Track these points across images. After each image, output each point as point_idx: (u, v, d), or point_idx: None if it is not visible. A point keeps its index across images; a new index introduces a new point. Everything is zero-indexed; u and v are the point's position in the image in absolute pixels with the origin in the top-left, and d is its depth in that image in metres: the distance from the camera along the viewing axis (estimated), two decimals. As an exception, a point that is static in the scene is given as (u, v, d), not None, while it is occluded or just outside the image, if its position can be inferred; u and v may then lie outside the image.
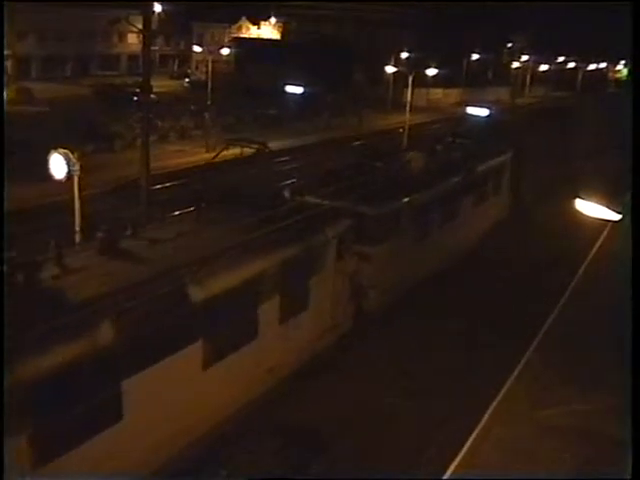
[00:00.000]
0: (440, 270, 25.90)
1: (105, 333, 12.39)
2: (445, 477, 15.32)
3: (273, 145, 50.83)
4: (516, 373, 19.66)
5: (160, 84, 74.00)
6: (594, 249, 31.17)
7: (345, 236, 19.98)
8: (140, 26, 27.16)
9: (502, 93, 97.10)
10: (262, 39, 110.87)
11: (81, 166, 18.62)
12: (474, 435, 16.60)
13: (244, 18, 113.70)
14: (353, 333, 21.20)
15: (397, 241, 23.16)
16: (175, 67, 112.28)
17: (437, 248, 26.32)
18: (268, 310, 16.87)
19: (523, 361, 20.30)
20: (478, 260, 29.20)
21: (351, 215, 20.73)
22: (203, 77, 72.25)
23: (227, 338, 15.57)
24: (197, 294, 14.47)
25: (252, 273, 16.07)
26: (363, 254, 21.28)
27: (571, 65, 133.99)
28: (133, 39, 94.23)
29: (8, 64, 75.26)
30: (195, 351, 14.61)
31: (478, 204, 30.92)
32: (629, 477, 9.16)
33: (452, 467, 15.44)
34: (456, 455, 15.88)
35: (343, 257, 20.00)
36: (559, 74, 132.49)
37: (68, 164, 18.49)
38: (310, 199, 21.57)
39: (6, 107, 49.46)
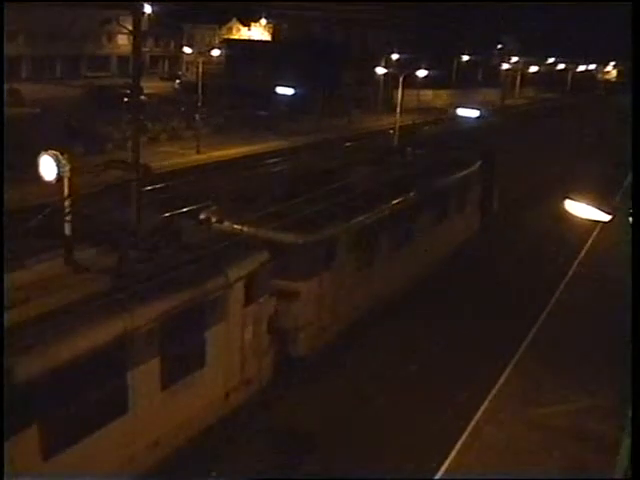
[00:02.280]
0: (388, 303, 23.34)
1: None
2: (442, 476, 15.37)
3: (257, 147, 51.64)
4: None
5: (150, 85, 73.86)
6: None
7: (260, 273, 16.96)
8: (130, 27, 27.06)
9: (492, 94, 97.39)
10: (253, 40, 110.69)
11: (71, 168, 18.54)
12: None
13: (234, 19, 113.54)
14: (270, 388, 18.10)
15: (334, 272, 20.41)
16: (165, 68, 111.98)
17: (385, 277, 23.50)
18: (143, 376, 13.83)
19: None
20: (434, 290, 25.79)
21: (275, 245, 18.22)
22: (193, 78, 72.05)
23: (76, 418, 12.48)
24: (28, 367, 11.68)
25: (113, 334, 13.13)
26: (288, 291, 18.75)
27: (561, 66, 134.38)
28: (123, 40, 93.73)
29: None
30: (27, 440, 11.75)
31: (438, 223, 27.86)
32: (629, 477, 9.19)
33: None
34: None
35: (255, 299, 16.95)
36: (549, 75, 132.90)
37: (58, 165, 18.38)
38: (228, 225, 19.33)
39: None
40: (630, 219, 11.86)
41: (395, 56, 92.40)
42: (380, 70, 77.15)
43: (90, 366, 12.64)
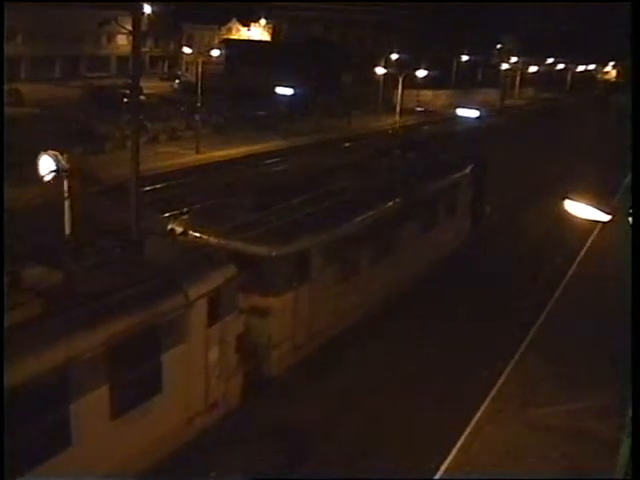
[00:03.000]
0: (370, 317, 22.08)
1: None
2: (440, 476, 15.35)
3: (257, 148, 51.61)
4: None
5: (150, 85, 73.92)
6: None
7: (225, 289, 15.87)
8: (129, 27, 27.04)
9: (492, 94, 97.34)
10: (252, 41, 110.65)
11: (71, 168, 18.53)
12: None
13: (234, 20, 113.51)
14: (239, 411, 16.92)
15: (310, 286, 19.24)
16: (165, 68, 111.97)
17: (367, 290, 22.23)
18: (89, 405, 12.81)
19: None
20: (420, 303, 24.24)
21: (246, 258, 17.41)
22: (193, 78, 72.02)
23: (13, 455, 11.10)
24: None
25: (49, 363, 12.02)
26: (260, 307, 17.79)
27: (560, 66, 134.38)
28: (123, 40, 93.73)
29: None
30: None
31: (426, 230, 26.40)
32: (629, 477, 9.19)
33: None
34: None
35: (221, 317, 15.88)
36: (548, 75, 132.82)
37: (57, 166, 18.39)
38: (196, 237, 18.46)
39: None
40: (630, 219, 11.85)
41: (395, 56, 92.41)
42: (380, 70, 77.16)
43: (24, 401, 11.55)
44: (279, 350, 18.52)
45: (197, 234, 18.66)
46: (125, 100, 52.26)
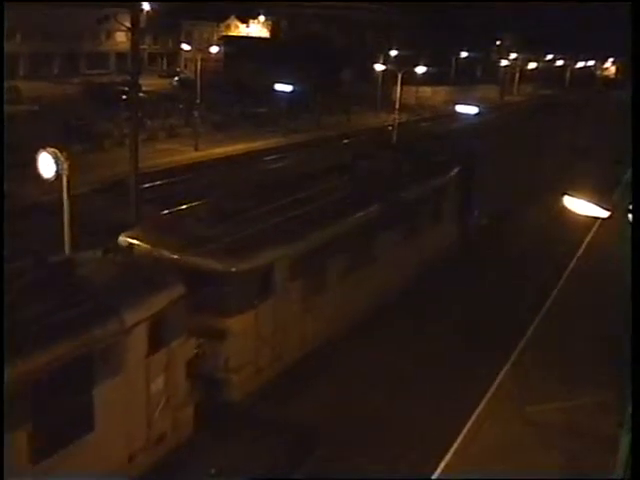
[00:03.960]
0: (343, 334, 20.36)
1: None
2: (439, 475, 15.35)
3: (255, 145, 51.58)
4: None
5: (149, 82, 73.87)
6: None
7: (171, 312, 14.34)
8: (128, 24, 27.04)
9: (491, 91, 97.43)
10: (251, 37, 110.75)
11: (70, 165, 18.53)
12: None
13: (233, 16, 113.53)
14: (190, 444, 15.29)
15: (274, 304, 17.75)
16: (164, 65, 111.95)
17: (339, 306, 20.54)
18: (6, 450, 11.34)
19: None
20: (397, 318, 22.70)
21: (200, 274, 16.16)
22: (192, 75, 72.17)
23: None
24: None
25: None
26: (217, 329, 16.42)
27: (559, 63, 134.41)
28: (121, 37, 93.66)
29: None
30: None
31: (407, 238, 24.59)
32: (629, 477, 9.20)
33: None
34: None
35: (165, 344, 14.37)
36: (547, 72, 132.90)
37: (57, 163, 18.38)
38: (146, 251, 16.98)
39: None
40: (629, 215, 11.87)
41: (394, 53, 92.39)
42: (379, 67, 77.16)
43: None
44: (240, 374, 16.92)
45: (148, 247, 17.04)
46: (124, 97, 52.31)
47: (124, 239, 17.66)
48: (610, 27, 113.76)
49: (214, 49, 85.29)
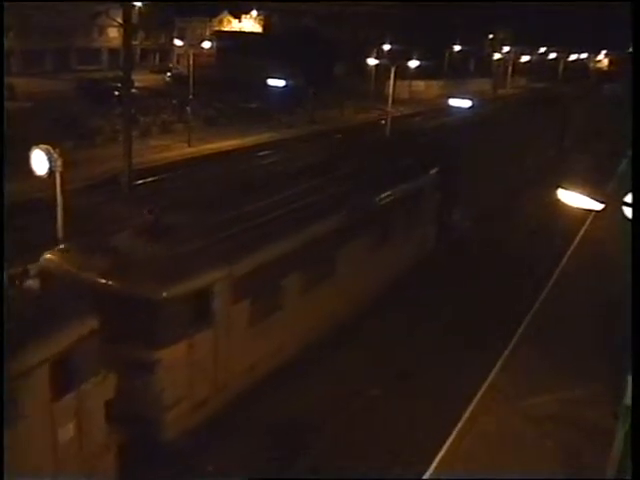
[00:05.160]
0: (298, 359, 18.57)
1: None
2: (437, 475, 15.32)
3: (248, 140, 51.48)
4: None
5: (141, 78, 73.76)
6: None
7: (81, 349, 12.44)
8: (120, 20, 27.02)
9: (484, 84, 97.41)
10: (244, 32, 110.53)
11: (63, 162, 18.50)
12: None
13: (226, 11, 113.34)
14: None
15: (213, 331, 15.93)
16: (156, 61, 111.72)
17: (293, 328, 18.75)
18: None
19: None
20: (362, 338, 21.17)
21: (127, 301, 14.59)
22: (184, 71, 71.92)
23: None
24: None
25: None
26: (145, 362, 14.67)
27: (552, 56, 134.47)
28: (114, 33, 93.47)
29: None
30: None
31: (374, 250, 22.65)
32: (629, 477, 9.21)
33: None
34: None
35: (74, 386, 12.48)
36: (540, 65, 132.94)
37: (50, 160, 18.35)
38: (62, 273, 15.20)
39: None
40: (623, 208, 11.86)
41: (387, 47, 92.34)
42: (372, 61, 77.11)
43: None
44: (173, 411, 15.19)
45: (70, 270, 15.19)
46: (116, 93, 52.19)
47: (46, 259, 15.68)
48: (603, 20, 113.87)
49: (207, 44, 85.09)
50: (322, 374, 19.10)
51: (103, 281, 14.83)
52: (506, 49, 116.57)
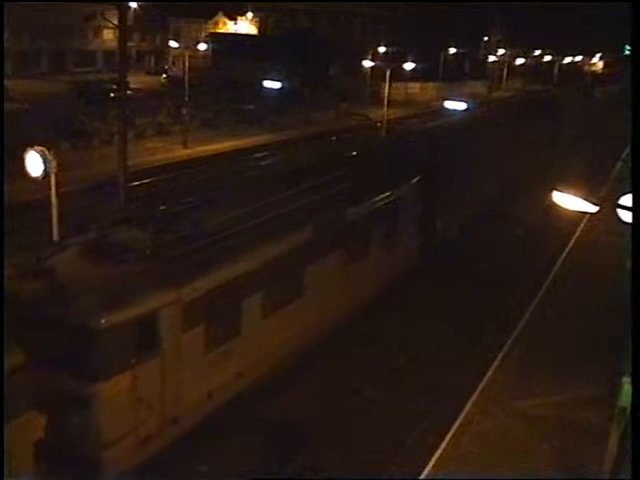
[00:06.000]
0: (260, 386, 17.36)
1: None
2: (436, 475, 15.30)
3: (244, 142, 51.44)
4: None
5: (137, 80, 73.72)
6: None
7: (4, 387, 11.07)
8: (116, 22, 27.01)
9: (479, 87, 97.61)
10: (239, 34, 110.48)
11: (58, 164, 18.49)
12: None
13: (221, 13, 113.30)
14: None
15: (161, 360, 14.65)
16: (152, 63, 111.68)
17: (254, 354, 17.30)
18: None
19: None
20: (331, 361, 19.86)
21: (60, 331, 13.39)
22: (180, 73, 71.89)
23: None
24: None
25: None
26: (81, 398, 13.41)
27: (547, 58, 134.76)
28: (109, 35, 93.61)
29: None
30: None
31: (350, 263, 21.18)
32: (629, 477, 9.24)
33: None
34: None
35: None
36: (535, 67, 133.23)
37: (45, 162, 18.34)
38: None
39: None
40: (618, 210, 11.89)
41: (382, 49, 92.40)
42: (367, 63, 77.18)
43: None
44: (114, 449, 13.91)
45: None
46: (112, 95, 52.13)
47: None
48: (598, 23, 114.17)
49: (202, 46, 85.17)
50: (284, 401, 18.01)
51: (34, 307, 13.55)
52: (501, 52, 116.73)
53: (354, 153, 29.05)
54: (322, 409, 18.12)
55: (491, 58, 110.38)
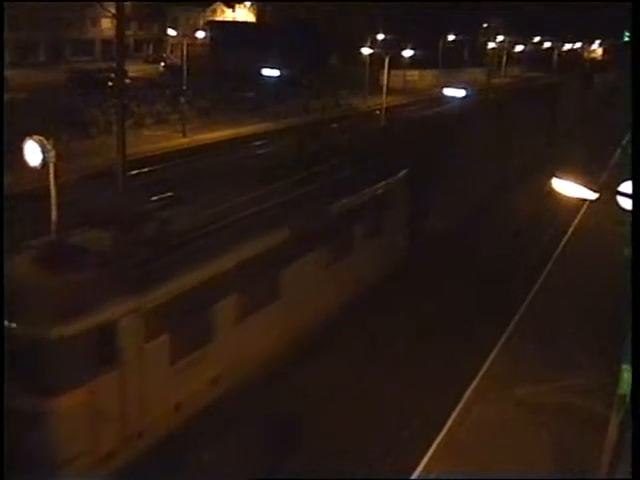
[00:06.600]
0: (229, 398, 16.21)
1: None
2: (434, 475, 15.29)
3: (243, 130, 51.33)
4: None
5: (135, 69, 73.45)
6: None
7: None
8: (113, 10, 26.88)
9: (478, 74, 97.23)
10: (237, 22, 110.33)
11: (57, 153, 18.44)
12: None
13: (219, 1, 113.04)
14: None
15: (120, 372, 13.75)
16: (150, 51, 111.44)
17: (226, 361, 16.33)
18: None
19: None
20: (302, 378, 18.37)
21: (10, 344, 12.43)
22: (178, 61, 71.89)
23: None
24: None
25: None
26: (34, 414, 12.65)
27: (547, 45, 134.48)
28: (107, 24, 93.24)
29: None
30: None
31: (331, 264, 20.17)
32: (629, 477, 9.26)
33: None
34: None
35: None
36: (535, 54, 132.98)
37: (43, 151, 18.29)
38: None
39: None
40: (617, 197, 11.87)
41: (381, 36, 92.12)
42: (366, 51, 76.99)
43: None
44: (71, 467, 13.09)
45: None
46: (110, 84, 52.03)
47: None
48: (597, 10, 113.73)
49: (200, 34, 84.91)
50: (259, 410, 16.90)
51: None
52: (500, 38, 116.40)
53: (348, 144, 28.46)
54: (304, 415, 17.13)
55: (490, 45, 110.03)
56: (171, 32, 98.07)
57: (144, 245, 15.05)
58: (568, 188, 12.52)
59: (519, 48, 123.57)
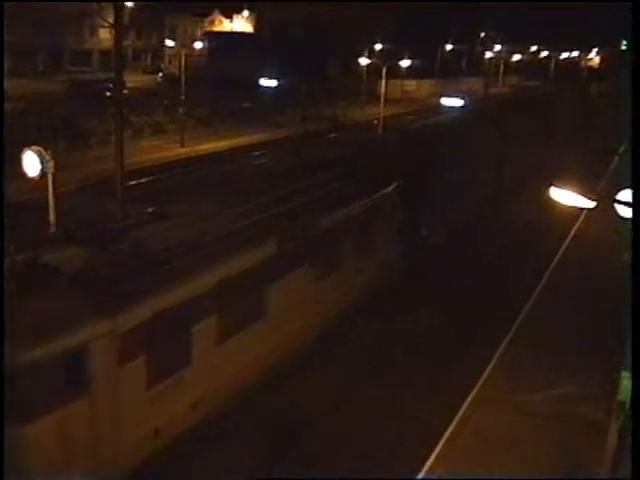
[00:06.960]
0: (208, 423, 15.70)
1: None
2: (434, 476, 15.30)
3: (241, 140, 51.33)
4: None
5: (133, 79, 73.67)
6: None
7: None
8: (111, 20, 26.94)
9: (476, 83, 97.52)
10: (235, 32, 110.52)
11: (55, 163, 18.46)
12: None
13: (217, 12, 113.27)
14: None
15: (91, 398, 13.05)
16: (148, 62, 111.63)
17: (205, 385, 15.67)
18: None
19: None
20: (279, 399, 17.60)
21: None
22: (176, 71, 71.84)
23: None
24: None
25: None
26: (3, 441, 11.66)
27: (544, 54, 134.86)
28: (105, 34, 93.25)
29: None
30: None
31: (320, 280, 19.46)
32: (629, 477, 9.27)
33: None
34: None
35: None
36: (532, 63, 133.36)
37: (42, 161, 18.31)
38: None
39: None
40: (615, 205, 11.90)
41: (378, 46, 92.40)
42: (364, 60, 77.21)
43: None
44: None
45: None
46: (108, 94, 52.04)
47: None
48: (594, 18, 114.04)
49: (198, 44, 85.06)
50: (243, 436, 16.33)
51: None
52: (497, 48, 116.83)
53: (344, 155, 27.62)
54: (292, 437, 16.70)
55: (488, 54, 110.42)
56: (169, 43, 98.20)
57: (121, 263, 14.44)
58: (566, 197, 12.55)
59: (516, 57, 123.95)
